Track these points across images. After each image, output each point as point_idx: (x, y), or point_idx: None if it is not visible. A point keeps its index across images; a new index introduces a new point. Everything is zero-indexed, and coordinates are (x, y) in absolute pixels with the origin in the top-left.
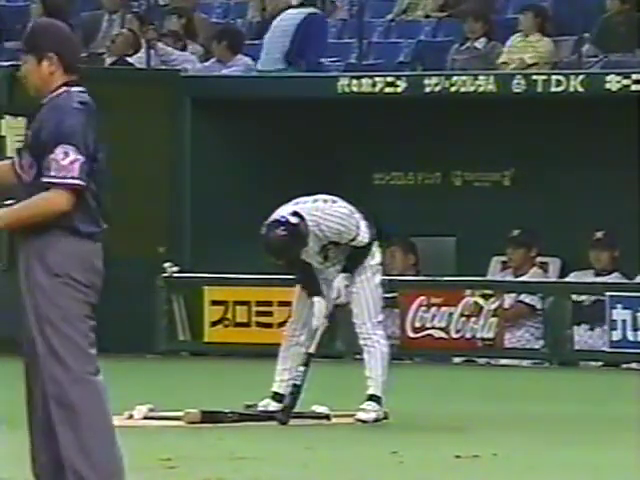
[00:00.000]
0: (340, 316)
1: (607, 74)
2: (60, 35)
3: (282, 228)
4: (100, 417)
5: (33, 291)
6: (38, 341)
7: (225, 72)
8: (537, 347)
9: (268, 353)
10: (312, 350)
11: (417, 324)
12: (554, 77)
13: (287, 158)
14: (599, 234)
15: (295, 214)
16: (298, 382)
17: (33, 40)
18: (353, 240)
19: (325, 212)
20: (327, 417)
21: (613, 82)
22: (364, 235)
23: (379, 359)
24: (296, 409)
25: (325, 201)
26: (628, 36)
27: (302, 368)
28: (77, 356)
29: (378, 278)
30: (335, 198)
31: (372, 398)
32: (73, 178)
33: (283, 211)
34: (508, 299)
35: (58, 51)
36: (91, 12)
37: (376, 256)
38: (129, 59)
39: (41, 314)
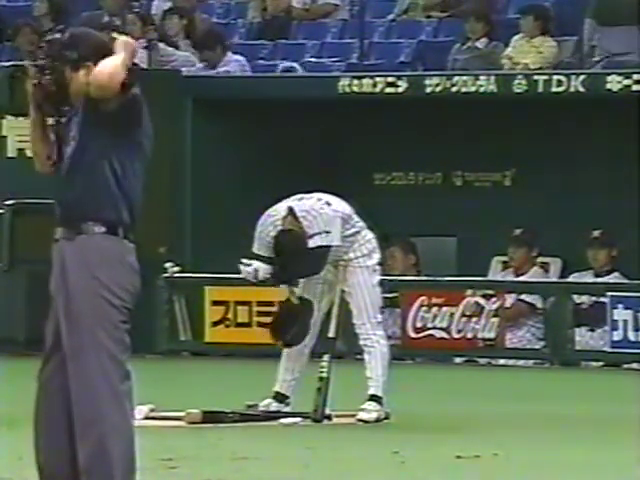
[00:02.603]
0: (341, 315)
1: (608, 74)
2: (97, 43)
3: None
4: (122, 421)
5: (68, 291)
6: (67, 340)
7: (225, 71)
8: (538, 347)
9: (269, 353)
10: (332, 334)
11: (418, 324)
12: (555, 77)
13: (288, 158)
14: (596, 233)
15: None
16: (324, 374)
17: (72, 49)
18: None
19: (312, 209)
20: (328, 417)
21: (614, 82)
22: (320, 240)
23: (379, 359)
24: (296, 410)
25: (319, 199)
26: (629, 11)
27: (327, 357)
28: (105, 360)
29: (376, 278)
30: (333, 200)
31: (373, 398)
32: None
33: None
34: (509, 299)
35: (95, 60)
36: (91, 13)
37: (374, 256)
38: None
39: (75, 315)
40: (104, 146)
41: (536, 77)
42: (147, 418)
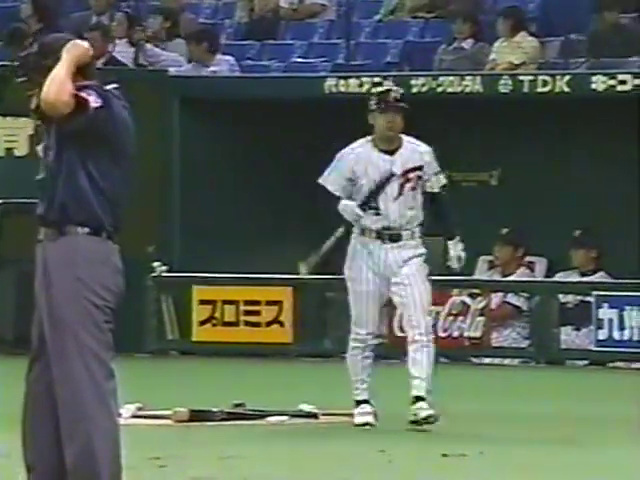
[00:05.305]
0: (328, 315)
1: (593, 74)
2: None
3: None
4: (107, 420)
5: (52, 292)
6: (50, 342)
7: (212, 72)
8: (524, 346)
9: (256, 352)
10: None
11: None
12: (540, 77)
13: (275, 158)
14: (577, 232)
15: None
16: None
17: (46, 58)
18: None
19: None
20: (315, 416)
21: (599, 83)
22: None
23: (432, 360)
24: (284, 409)
25: None
26: (621, 46)
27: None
28: (89, 360)
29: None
30: None
31: (422, 399)
32: (86, 97)
33: None
34: (495, 298)
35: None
36: (80, 13)
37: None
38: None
39: (57, 316)
40: (79, 155)
41: (521, 77)
42: (135, 417)
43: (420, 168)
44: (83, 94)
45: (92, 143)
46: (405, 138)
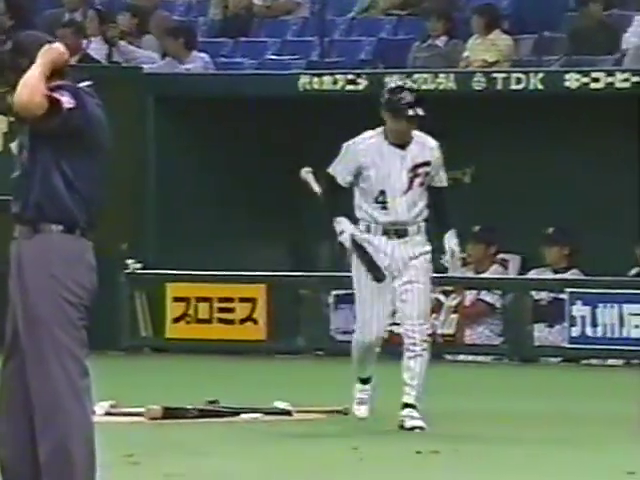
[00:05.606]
0: (302, 312)
1: (566, 72)
2: (40, 42)
3: (407, 92)
4: (82, 417)
5: (26, 290)
6: (25, 339)
7: (186, 69)
8: (497, 343)
9: (230, 349)
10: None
11: None
12: (514, 75)
13: (250, 155)
14: (550, 230)
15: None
16: None
17: (21, 56)
18: None
19: None
20: (288, 413)
21: (572, 80)
22: None
23: (425, 368)
24: (258, 406)
25: None
26: (605, 42)
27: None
28: (64, 358)
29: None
30: None
31: (411, 406)
32: (59, 98)
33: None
34: (469, 296)
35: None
36: (53, 10)
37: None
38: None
39: (32, 314)
40: (53, 154)
41: (495, 75)
42: (108, 414)
43: (428, 164)
44: (56, 95)
45: (66, 143)
46: (415, 133)
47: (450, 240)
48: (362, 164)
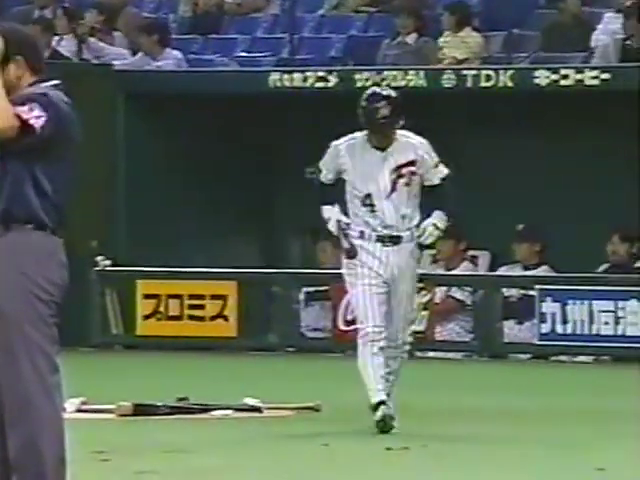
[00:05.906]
0: (273, 309)
1: (536, 69)
2: (23, 37)
3: (384, 102)
4: (52, 413)
5: None
6: None
7: (157, 66)
8: (467, 340)
9: (200, 346)
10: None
11: (349, 317)
12: (484, 72)
13: (221, 152)
14: (520, 226)
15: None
16: None
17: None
18: None
19: None
20: (259, 410)
21: (542, 77)
22: None
23: (400, 367)
24: (229, 403)
25: None
26: (577, 39)
27: None
28: (35, 355)
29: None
30: None
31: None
32: (32, 118)
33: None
34: (439, 292)
35: (24, 54)
36: (22, 7)
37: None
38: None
39: (3, 310)
40: (25, 165)
41: (465, 72)
42: (78, 411)
43: (413, 163)
44: (27, 117)
45: (39, 154)
46: (399, 132)
47: (434, 217)
48: (341, 165)
